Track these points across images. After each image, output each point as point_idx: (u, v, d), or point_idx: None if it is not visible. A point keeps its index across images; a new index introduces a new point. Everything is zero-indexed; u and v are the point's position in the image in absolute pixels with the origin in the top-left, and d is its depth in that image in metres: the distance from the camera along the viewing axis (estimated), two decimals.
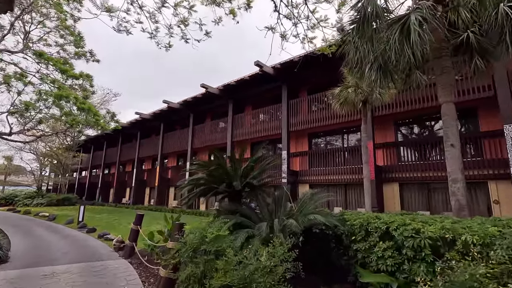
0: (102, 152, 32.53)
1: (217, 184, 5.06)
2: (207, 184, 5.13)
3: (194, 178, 5.34)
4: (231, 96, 18.11)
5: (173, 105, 20.43)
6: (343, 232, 4.22)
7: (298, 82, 15.68)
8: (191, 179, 5.41)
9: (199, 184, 5.28)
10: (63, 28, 16.35)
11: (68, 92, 13.29)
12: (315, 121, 14.18)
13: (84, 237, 10.04)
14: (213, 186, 5.06)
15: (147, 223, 12.24)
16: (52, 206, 24.96)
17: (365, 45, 5.02)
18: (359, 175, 12.60)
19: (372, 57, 5.04)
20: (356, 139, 14.03)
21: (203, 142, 19.80)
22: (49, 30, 16.43)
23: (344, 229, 4.19)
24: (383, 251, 3.53)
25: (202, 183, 5.20)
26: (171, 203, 22.43)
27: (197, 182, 5.32)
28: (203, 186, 5.22)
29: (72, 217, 15.18)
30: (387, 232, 3.64)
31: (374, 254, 3.63)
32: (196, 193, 5.34)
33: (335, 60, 12.78)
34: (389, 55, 4.80)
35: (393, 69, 5.27)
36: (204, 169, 5.35)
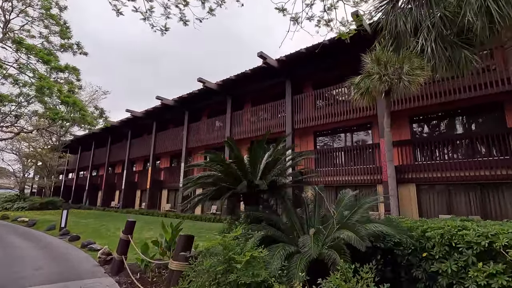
0: (90, 153, 30.82)
1: (233, 183, 3.90)
2: (220, 183, 3.98)
3: (203, 176, 4.19)
4: (230, 92, 17.03)
5: (167, 101, 19.15)
6: (410, 246, 3.12)
7: (303, 77, 14.73)
8: (200, 176, 4.26)
9: (209, 184, 4.11)
10: (47, 17, 15.02)
11: (50, 83, 11.91)
12: (321, 118, 13.19)
13: (65, 246, 8.68)
14: (227, 186, 3.90)
15: (138, 230, 10.95)
16: (35, 210, 23.21)
17: (422, 8, 3.99)
18: (372, 176, 11.66)
19: (430, 23, 3.98)
20: (367, 136, 13.12)
21: (199, 141, 18.57)
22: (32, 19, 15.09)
23: (413, 243, 3.08)
24: (488, 277, 2.46)
25: (214, 182, 4.03)
26: (164, 206, 21.04)
27: (206, 180, 4.15)
28: (215, 186, 4.05)
29: (54, 222, 13.69)
30: (489, 249, 2.58)
31: (470, 281, 2.56)
32: (207, 195, 4.18)
33: (344, 52, 11.99)
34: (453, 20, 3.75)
35: (462, 41, 4.18)
36: (216, 164, 4.19)
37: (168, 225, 5.68)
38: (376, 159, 11.97)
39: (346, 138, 13.78)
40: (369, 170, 11.79)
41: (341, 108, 12.52)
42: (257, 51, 13.47)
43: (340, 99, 12.84)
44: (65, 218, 11.73)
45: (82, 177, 33.98)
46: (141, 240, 9.00)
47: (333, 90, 13.06)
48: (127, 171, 24.21)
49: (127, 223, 6.09)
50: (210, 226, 12.23)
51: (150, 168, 21.42)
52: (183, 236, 3.61)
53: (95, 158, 29.95)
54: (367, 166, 11.91)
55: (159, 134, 21.97)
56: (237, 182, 3.91)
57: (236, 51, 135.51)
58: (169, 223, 5.73)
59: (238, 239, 3.06)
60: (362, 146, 12.73)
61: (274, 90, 15.68)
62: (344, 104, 12.51)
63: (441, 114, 11.33)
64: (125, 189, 23.75)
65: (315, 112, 13.51)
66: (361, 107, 11.86)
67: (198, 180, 4.27)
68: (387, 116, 7.92)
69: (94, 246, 7.97)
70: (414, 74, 7.08)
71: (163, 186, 21.76)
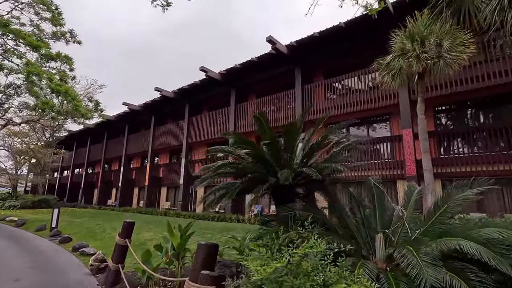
0: (85, 149, 29.67)
1: (263, 172, 2.92)
2: (248, 172, 3.00)
3: (224, 164, 3.20)
4: (234, 83, 16.10)
5: (167, 93, 18.14)
6: None
7: (314, 65, 13.79)
8: (221, 164, 3.27)
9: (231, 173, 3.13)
10: (38, 2, 13.92)
11: (39, 69, 10.82)
12: (334, 108, 12.29)
13: (54, 250, 7.67)
14: (260, 176, 2.93)
15: (137, 229, 9.93)
16: (27, 208, 22.09)
17: None
18: (391, 171, 10.80)
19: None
20: (386, 129, 12.19)
21: (200, 136, 17.55)
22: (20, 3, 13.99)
23: None
24: None
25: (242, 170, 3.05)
26: (163, 204, 20.03)
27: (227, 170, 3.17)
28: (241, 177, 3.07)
29: (46, 222, 12.64)
30: None
31: None
32: (235, 188, 3.20)
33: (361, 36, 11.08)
34: None
35: None
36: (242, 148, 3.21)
37: (175, 227, 4.67)
38: (395, 152, 11.11)
39: (362, 131, 12.86)
40: (388, 165, 10.91)
41: (357, 98, 11.64)
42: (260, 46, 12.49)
43: (355, 88, 11.94)
44: (57, 217, 10.70)
45: (77, 174, 32.84)
46: (140, 242, 8.02)
47: (348, 78, 12.11)
48: (124, 168, 23.15)
49: (124, 225, 5.09)
50: (214, 225, 11.26)
51: (149, 165, 20.39)
52: (204, 246, 2.60)
53: (91, 155, 28.82)
54: (385, 161, 11.02)
55: (157, 128, 20.91)
56: (268, 171, 2.94)
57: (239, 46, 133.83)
58: (177, 225, 4.71)
59: (306, 256, 2.08)
60: (381, 139, 11.80)
61: (282, 80, 14.73)
62: (360, 94, 11.64)
63: (469, 103, 10.44)
64: (122, 186, 22.71)
65: (326, 103, 12.62)
66: (379, 96, 11.08)
67: (219, 168, 3.29)
68: (421, 101, 6.97)
69: (86, 250, 6.97)
70: (457, 51, 6.11)
71: (162, 183, 20.74)
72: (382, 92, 10.87)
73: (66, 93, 11.44)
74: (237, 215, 13.14)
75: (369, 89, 11.35)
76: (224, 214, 14.03)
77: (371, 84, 11.34)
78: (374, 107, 11.26)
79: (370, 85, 11.41)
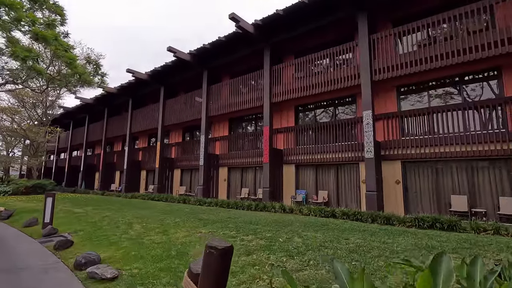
0: (83, 128, 26.57)
1: None
2: None
3: None
4: (206, 63, 15.10)
5: (140, 75, 16.87)
6: None
7: (281, 45, 12.85)
8: None
9: None
10: None
11: None
12: (302, 89, 11.50)
13: (43, 268, 4.87)
14: None
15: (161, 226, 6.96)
16: (20, 195, 19.36)
17: None
18: (354, 153, 10.24)
19: None
20: (352, 111, 11.50)
21: (220, 108, 14.53)
22: None
23: None
24: None
25: None
26: (178, 189, 17.31)
27: None
28: None
29: (39, 213, 9.91)
30: None
31: None
32: None
33: (325, 15, 10.65)
34: None
35: None
36: None
37: None
38: (358, 135, 10.59)
39: (329, 112, 12.27)
40: (351, 147, 10.54)
41: (323, 79, 10.87)
42: None
43: (323, 68, 11.12)
44: (51, 209, 7.89)
45: (75, 156, 29.90)
46: (177, 250, 5.24)
47: (317, 60, 11.32)
48: (129, 148, 20.21)
49: None
50: (260, 218, 8.47)
51: (159, 144, 17.44)
52: None
53: (90, 135, 25.77)
54: (349, 143, 10.65)
55: (168, 101, 17.80)
56: None
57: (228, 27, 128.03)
58: None
59: None
60: (344, 121, 11.16)
61: (254, 60, 13.94)
62: (327, 74, 10.84)
63: (433, 83, 9.66)
64: (128, 169, 19.88)
65: (295, 83, 11.80)
66: (344, 77, 10.38)
67: None
68: None
69: (100, 268, 4.16)
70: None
71: (175, 165, 17.91)
72: (348, 71, 10.29)
73: (55, 41, 8.30)
74: (272, 203, 10.40)
75: (336, 69, 10.68)
76: (261, 201, 11.28)
77: (338, 63, 10.80)
78: (340, 88, 10.54)
79: (337, 64, 10.80)
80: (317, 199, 11.24)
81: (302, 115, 13.12)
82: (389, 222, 7.67)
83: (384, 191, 9.58)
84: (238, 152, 14.44)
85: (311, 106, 12.72)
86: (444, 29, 8.70)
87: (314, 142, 11.83)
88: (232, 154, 14.69)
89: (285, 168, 12.57)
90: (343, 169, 11.06)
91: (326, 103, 12.25)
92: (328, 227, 7.25)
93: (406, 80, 9.79)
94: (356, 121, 10.72)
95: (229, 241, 6.05)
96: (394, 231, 6.63)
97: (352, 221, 8.17)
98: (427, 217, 7.09)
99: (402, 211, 9.27)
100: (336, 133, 11.22)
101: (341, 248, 5.23)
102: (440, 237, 5.98)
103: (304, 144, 12.21)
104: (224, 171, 15.09)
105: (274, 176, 12.01)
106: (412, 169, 9.49)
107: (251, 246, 5.51)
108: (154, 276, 4.05)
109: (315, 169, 11.81)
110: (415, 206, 9.27)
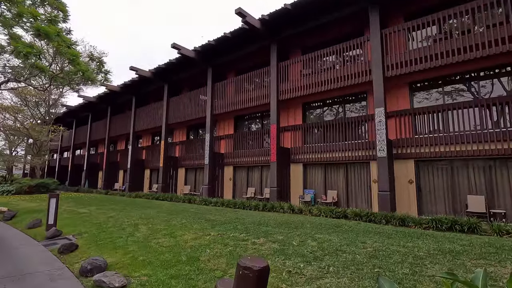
0: (86, 127, 26.42)
1: None
2: None
3: None
4: (210, 60, 14.83)
5: (143, 73, 16.67)
6: None
7: (289, 40, 12.55)
8: None
9: None
10: None
11: None
12: (310, 86, 11.18)
13: (49, 274, 4.64)
14: None
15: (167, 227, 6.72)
16: (23, 194, 19.23)
17: None
18: (365, 152, 10.00)
19: None
20: (362, 108, 11.14)
21: (226, 106, 14.24)
22: None
23: None
24: None
25: None
26: (182, 189, 17.09)
27: None
28: None
29: (43, 213, 9.74)
30: None
31: None
32: None
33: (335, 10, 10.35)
34: None
35: None
36: None
37: None
38: (369, 133, 10.35)
39: (338, 110, 11.91)
40: (361, 146, 10.29)
41: (334, 75, 10.55)
42: None
43: (332, 64, 10.77)
44: (54, 210, 7.67)
45: (78, 155, 29.79)
46: (188, 255, 4.97)
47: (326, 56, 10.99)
48: (132, 147, 20.00)
49: None
50: (269, 218, 8.21)
51: (163, 142, 17.20)
52: None
53: (93, 133, 25.61)
54: (359, 141, 10.40)
55: (172, 99, 17.55)
56: None
57: None
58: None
59: None
60: (354, 119, 10.85)
61: (260, 57, 13.73)
62: (338, 70, 10.51)
63: (448, 79, 9.26)
64: (131, 168, 19.67)
65: (302, 81, 11.48)
66: (354, 73, 10.04)
67: None
68: None
69: (108, 277, 3.91)
70: None
71: (179, 164, 17.69)
72: (358, 68, 9.99)
73: (58, 37, 8.05)
74: (280, 203, 10.14)
75: (347, 65, 10.33)
76: (268, 201, 11.02)
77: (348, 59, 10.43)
78: (350, 85, 10.17)
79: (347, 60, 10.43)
80: (326, 199, 10.96)
81: (310, 113, 12.81)
82: (404, 224, 7.39)
83: (396, 191, 9.28)
84: (244, 150, 14.18)
85: (319, 103, 12.40)
86: (459, 23, 8.35)
87: (323, 140, 11.53)
88: (238, 152, 14.43)
89: (292, 167, 12.29)
90: (353, 168, 10.76)
91: (335, 101, 11.93)
92: (341, 229, 6.98)
93: (419, 76, 9.45)
94: (367, 119, 10.41)
95: (240, 244, 5.81)
96: (412, 234, 6.35)
97: (365, 222, 7.89)
98: (445, 218, 6.79)
99: (415, 211, 8.97)
100: (346, 131, 10.92)
101: (360, 252, 4.96)
102: (461, 240, 5.69)
103: (312, 143, 11.92)
104: (229, 170, 14.83)
105: (281, 176, 11.74)
106: (425, 168, 9.18)
107: (263, 250, 5.24)
108: (165, 284, 3.79)
109: (324, 168, 11.52)
110: (429, 206, 8.97)
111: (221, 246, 5.54)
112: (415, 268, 4.17)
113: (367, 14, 9.84)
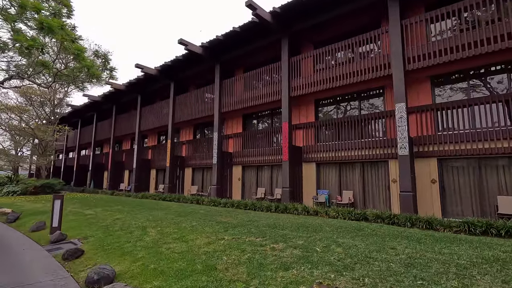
0: (91, 127, 26.18)
1: None
2: None
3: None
4: (218, 57, 14.39)
5: (149, 70, 16.22)
6: None
7: (301, 34, 12.12)
8: None
9: None
10: None
11: None
12: (324, 82, 10.64)
13: (52, 283, 4.22)
14: None
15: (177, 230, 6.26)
16: (29, 195, 19.01)
17: None
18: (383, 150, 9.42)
19: None
20: (378, 104, 10.56)
21: (233, 104, 13.78)
22: None
23: None
24: None
25: None
26: (189, 189, 16.68)
27: None
28: None
29: (47, 215, 9.37)
30: None
31: None
32: None
33: None
34: None
35: None
36: None
37: None
38: (388, 130, 9.74)
39: (353, 106, 11.34)
40: (379, 143, 9.76)
41: (347, 70, 10.01)
42: None
43: (347, 59, 10.21)
44: (59, 212, 7.28)
45: (84, 155, 29.60)
46: (196, 254, 4.51)
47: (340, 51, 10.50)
48: (138, 146, 19.66)
49: None
50: (281, 221, 7.71)
51: (169, 142, 16.81)
52: None
53: (98, 133, 25.36)
54: (376, 139, 9.87)
55: (178, 98, 17.14)
56: None
57: None
58: None
59: None
60: (371, 115, 10.34)
61: (270, 52, 13.29)
62: (351, 65, 9.99)
63: (473, 72, 8.68)
64: (137, 168, 19.33)
65: (315, 76, 10.96)
66: (371, 67, 9.43)
67: None
68: None
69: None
70: None
71: (186, 164, 17.29)
72: (376, 61, 9.43)
73: (61, 30, 7.65)
74: (294, 204, 9.65)
75: (363, 58, 9.81)
76: (279, 202, 10.54)
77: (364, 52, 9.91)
78: (367, 79, 9.59)
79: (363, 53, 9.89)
80: (341, 200, 10.45)
81: (322, 110, 12.30)
82: (431, 227, 6.85)
83: (418, 191, 8.74)
84: (253, 149, 13.71)
85: (332, 100, 11.89)
86: (485, 13, 7.78)
87: (337, 138, 11.02)
88: (247, 152, 13.97)
89: (304, 167, 11.80)
90: (370, 167, 10.23)
91: (349, 97, 11.40)
92: (364, 232, 6.47)
93: (442, 69, 8.88)
94: (385, 115, 9.87)
95: (258, 250, 5.32)
96: (443, 238, 5.82)
97: (387, 225, 7.37)
98: (478, 221, 6.26)
99: (439, 213, 8.43)
100: (362, 129, 10.39)
101: (393, 260, 4.45)
102: (502, 246, 5.15)
103: (325, 141, 11.42)
104: (238, 170, 14.38)
105: (294, 175, 11.25)
106: (450, 167, 8.62)
107: (285, 257, 4.77)
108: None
109: (338, 168, 11.01)
110: (454, 207, 8.42)
111: (238, 252, 5.08)
112: (463, 280, 3.66)
113: (385, 4, 9.31)
